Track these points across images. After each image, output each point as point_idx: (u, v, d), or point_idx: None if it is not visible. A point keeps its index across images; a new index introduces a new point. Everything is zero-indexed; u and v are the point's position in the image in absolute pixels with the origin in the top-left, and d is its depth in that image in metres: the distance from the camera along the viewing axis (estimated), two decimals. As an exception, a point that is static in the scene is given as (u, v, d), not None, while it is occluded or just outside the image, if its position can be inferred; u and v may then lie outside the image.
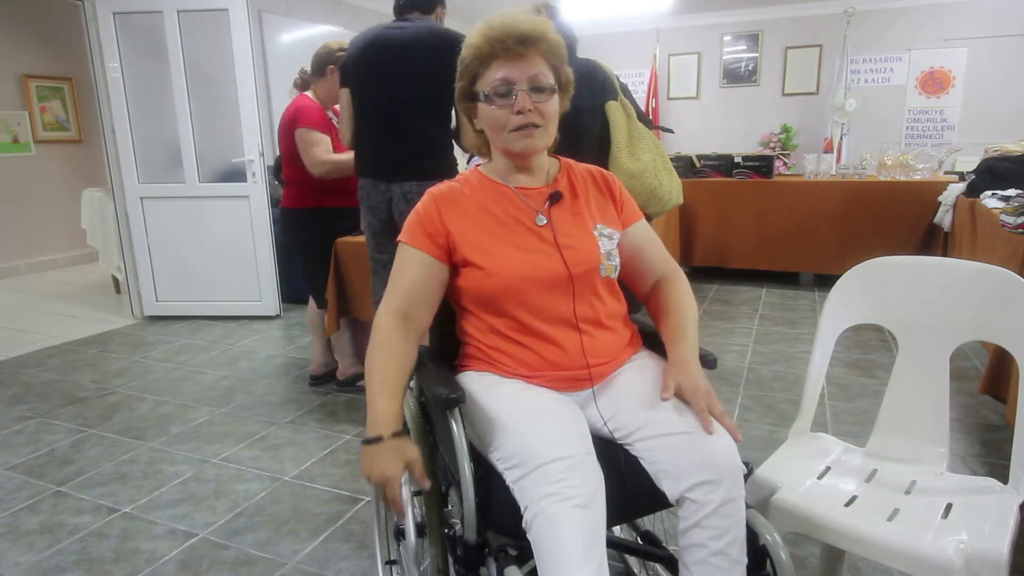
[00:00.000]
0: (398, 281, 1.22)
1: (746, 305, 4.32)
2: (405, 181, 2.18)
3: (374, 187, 2.24)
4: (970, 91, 6.72)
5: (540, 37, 1.18)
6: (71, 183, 6.16)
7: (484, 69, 1.20)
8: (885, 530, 1.13)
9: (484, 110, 1.21)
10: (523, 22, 1.18)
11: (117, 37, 3.93)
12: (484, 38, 1.17)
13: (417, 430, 1.26)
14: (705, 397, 1.10)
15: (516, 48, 1.16)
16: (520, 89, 1.17)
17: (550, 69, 1.21)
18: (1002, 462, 2.21)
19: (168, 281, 4.26)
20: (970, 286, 1.36)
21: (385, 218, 2.26)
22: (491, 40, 1.17)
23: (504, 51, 1.16)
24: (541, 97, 1.18)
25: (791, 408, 2.69)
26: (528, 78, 1.17)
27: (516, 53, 1.16)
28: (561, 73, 1.24)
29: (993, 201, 3.19)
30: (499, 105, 1.18)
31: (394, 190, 2.20)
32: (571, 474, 0.98)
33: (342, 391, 2.97)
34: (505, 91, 1.17)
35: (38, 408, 2.89)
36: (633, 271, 1.33)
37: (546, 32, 1.20)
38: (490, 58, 1.18)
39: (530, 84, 1.17)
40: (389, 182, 2.20)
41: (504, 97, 1.18)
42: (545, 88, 1.19)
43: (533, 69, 1.18)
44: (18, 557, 1.85)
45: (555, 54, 1.22)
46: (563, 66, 1.25)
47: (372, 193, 2.26)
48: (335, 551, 1.84)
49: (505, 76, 1.17)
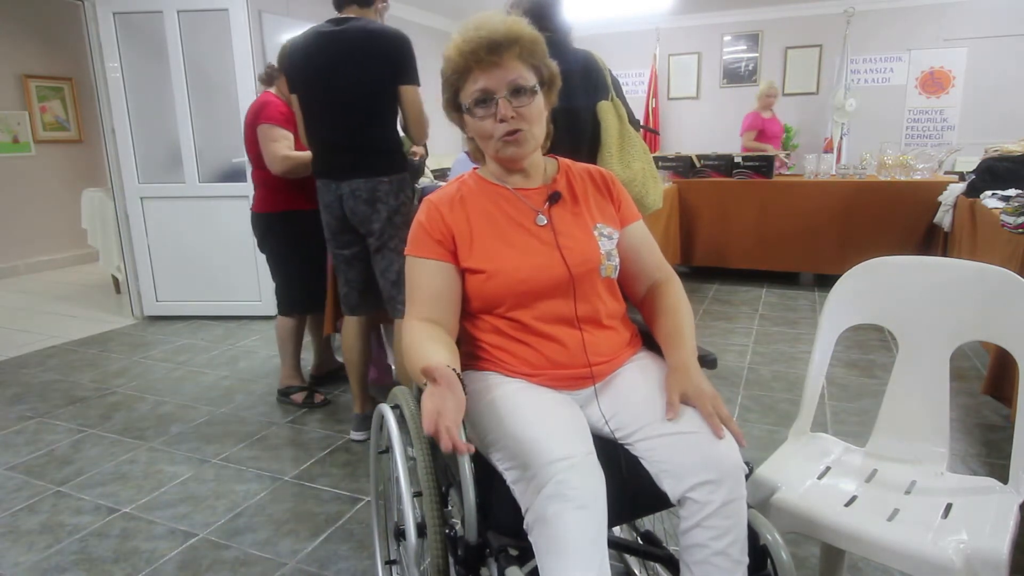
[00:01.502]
0: (419, 293, 1.22)
1: (746, 305, 4.32)
2: (353, 179, 2.20)
3: (327, 186, 2.27)
4: (970, 91, 6.72)
5: (514, 40, 1.17)
6: (71, 183, 6.16)
7: (463, 82, 1.19)
8: (885, 530, 1.13)
9: (469, 121, 1.21)
10: (494, 29, 1.16)
11: (117, 37, 3.93)
12: (458, 52, 1.17)
13: (417, 430, 1.26)
14: (711, 400, 1.09)
15: (489, 58, 1.15)
16: (500, 97, 1.16)
17: (529, 70, 1.19)
18: (1002, 462, 2.21)
19: (168, 281, 4.26)
20: (970, 286, 1.36)
21: (340, 216, 2.28)
22: (464, 54, 1.16)
23: (478, 63, 1.15)
24: (522, 101, 1.18)
25: (791, 408, 2.69)
26: (507, 84, 1.16)
27: (490, 63, 1.15)
28: (543, 70, 1.23)
29: (993, 201, 3.19)
30: (481, 116, 1.18)
31: (343, 188, 2.22)
32: (572, 474, 0.98)
33: (283, 400, 2.88)
34: (485, 100, 1.17)
35: (38, 408, 2.89)
36: (627, 272, 1.32)
37: (520, 34, 1.18)
38: (466, 71, 1.17)
39: (509, 89, 1.16)
40: (339, 181, 2.23)
41: (485, 106, 1.17)
42: (526, 91, 1.18)
43: (511, 75, 1.16)
44: (18, 557, 1.85)
45: (533, 53, 1.20)
46: (544, 62, 1.23)
47: (325, 192, 2.29)
48: (335, 551, 1.84)
49: (483, 87, 1.16)
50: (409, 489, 1.22)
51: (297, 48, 2.24)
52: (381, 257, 2.30)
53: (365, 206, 2.22)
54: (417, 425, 1.27)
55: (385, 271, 2.31)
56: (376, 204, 2.22)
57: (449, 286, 1.22)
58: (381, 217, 2.23)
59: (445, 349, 1.12)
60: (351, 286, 2.41)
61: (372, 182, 2.21)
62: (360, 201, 2.22)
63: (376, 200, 2.22)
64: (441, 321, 1.20)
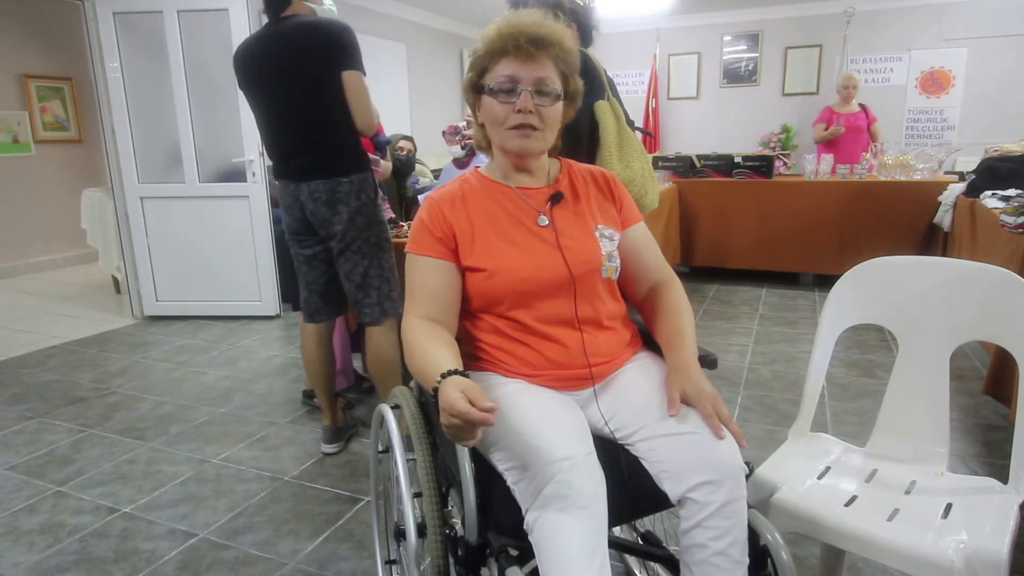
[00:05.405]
0: (418, 291, 1.22)
1: (746, 305, 4.32)
2: (312, 180, 2.16)
3: (286, 187, 2.23)
4: (970, 91, 6.72)
5: (554, 42, 1.18)
6: (71, 183, 6.16)
7: (493, 64, 1.20)
8: (885, 530, 1.13)
9: (487, 103, 1.21)
10: (541, 25, 1.18)
11: (117, 37, 3.93)
12: (498, 33, 1.18)
13: (417, 430, 1.26)
14: (711, 400, 1.09)
15: (527, 47, 1.16)
16: (524, 89, 1.17)
17: (559, 76, 1.20)
18: (1002, 462, 2.21)
19: (168, 281, 4.26)
20: (970, 286, 1.36)
21: (300, 217, 2.24)
22: (504, 36, 1.17)
23: (515, 48, 1.16)
24: (544, 101, 1.18)
25: (791, 408, 2.69)
26: (534, 79, 1.17)
27: (527, 52, 1.16)
28: (570, 82, 1.24)
29: (993, 201, 3.19)
30: (501, 101, 1.19)
31: (302, 189, 2.18)
32: (572, 475, 0.98)
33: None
34: (509, 88, 1.17)
35: (38, 408, 2.89)
36: (628, 274, 1.32)
37: (562, 39, 1.20)
38: (501, 54, 1.18)
39: (535, 86, 1.17)
40: (298, 182, 2.19)
41: (508, 94, 1.18)
42: (550, 93, 1.19)
43: (541, 72, 1.17)
44: (18, 557, 1.85)
45: (567, 62, 1.22)
46: (574, 75, 1.24)
47: (284, 194, 2.25)
48: (335, 551, 1.84)
49: (512, 73, 1.17)
50: (409, 489, 1.22)
51: (240, 51, 2.20)
52: (345, 260, 2.23)
53: (325, 208, 2.16)
54: (417, 425, 1.27)
55: (349, 274, 2.24)
56: (336, 205, 2.16)
57: (449, 284, 1.22)
58: (342, 219, 2.16)
59: (448, 350, 1.12)
60: (311, 289, 2.34)
61: (332, 183, 2.14)
62: (320, 203, 2.16)
63: (336, 201, 2.15)
64: (441, 319, 1.20)
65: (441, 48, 7.42)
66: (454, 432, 0.96)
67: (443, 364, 1.04)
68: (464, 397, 0.93)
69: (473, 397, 0.93)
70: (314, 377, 2.43)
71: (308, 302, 2.36)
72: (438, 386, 0.99)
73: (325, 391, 2.42)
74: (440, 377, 1.00)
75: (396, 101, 6.66)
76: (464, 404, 0.92)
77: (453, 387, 0.96)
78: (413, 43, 6.92)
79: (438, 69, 7.39)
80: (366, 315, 2.27)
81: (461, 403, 0.92)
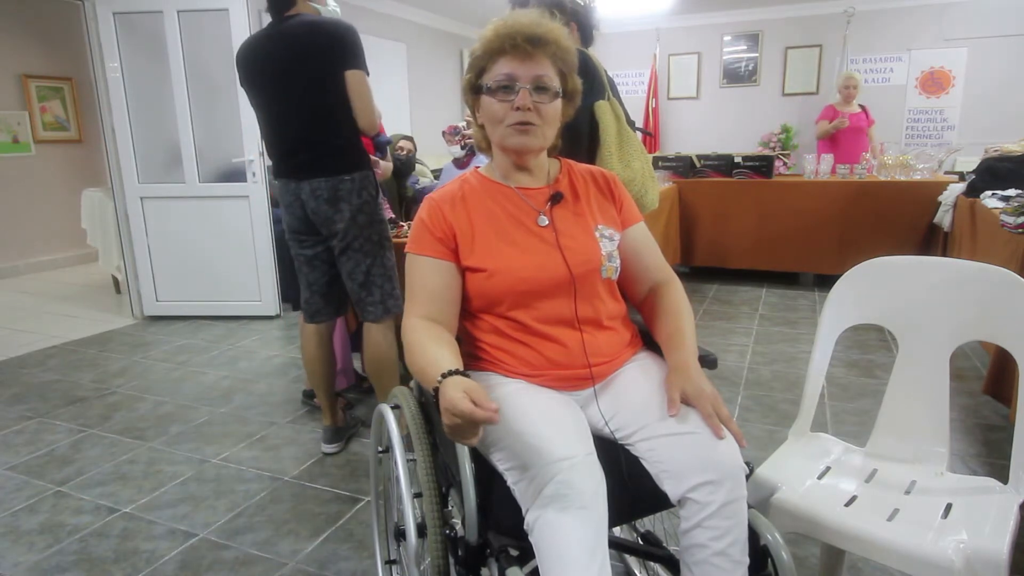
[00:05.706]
0: (418, 291, 1.22)
1: (746, 305, 4.32)
2: (313, 178, 2.15)
3: (286, 186, 2.23)
4: (970, 91, 6.72)
5: (552, 40, 1.19)
6: (71, 183, 6.16)
7: (491, 63, 1.20)
8: (885, 530, 1.13)
9: (486, 102, 1.21)
10: (538, 24, 1.18)
11: (117, 37, 3.93)
12: (495, 33, 1.18)
13: (417, 430, 1.26)
14: (711, 400, 1.09)
15: (524, 46, 1.16)
16: (523, 86, 1.17)
17: (557, 73, 1.21)
18: (1002, 462, 2.21)
19: (168, 281, 4.26)
20: (970, 286, 1.36)
21: (301, 216, 2.23)
22: (501, 35, 1.17)
23: (513, 47, 1.17)
24: (543, 98, 1.19)
25: (791, 408, 2.69)
26: (532, 77, 1.17)
27: (524, 51, 1.17)
28: (568, 81, 1.24)
29: (993, 201, 3.19)
30: (500, 99, 1.19)
31: (303, 187, 2.17)
32: (572, 475, 0.98)
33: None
34: (507, 86, 1.18)
35: (38, 408, 2.89)
36: (628, 274, 1.32)
37: (559, 37, 1.20)
38: (499, 53, 1.18)
39: (533, 83, 1.17)
40: (299, 180, 2.18)
41: (506, 92, 1.18)
42: (548, 90, 1.19)
43: (539, 70, 1.18)
44: (18, 557, 1.85)
45: (564, 60, 1.22)
46: (572, 74, 1.25)
47: (285, 193, 2.25)
48: (335, 551, 1.84)
49: (510, 72, 1.17)
50: (409, 489, 1.22)
51: (243, 50, 2.20)
52: (347, 259, 2.22)
53: (327, 206, 2.15)
54: (417, 425, 1.27)
55: (352, 273, 2.24)
56: (339, 203, 2.16)
57: (449, 284, 1.22)
58: (344, 216, 2.16)
59: (448, 350, 1.12)
60: (312, 289, 2.34)
61: (333, 180, 2.14)
62: (322, 201, 2.15)
63: (338, 199, 2.15)
64: (441, 319, 1.20)
65: (441, 48, 7.43)
66: (456, 432, 0.96)
67: (444, 364, 1.04)
68: (467, 397, 0.93)
69: (477, 398, 0.94)
70: (314, 377, 2.43)
71: (309, 303, 2.36)
72: (439, 386, 0.99)
73: (325, 391, 2.42)
74: (441, 377, 1.00)
75: (396, 101, 6.66)
76: (467, 404, 0.92)
77: (454, 387, 0.96)
78: (413, 43, 6.93)
79: (438, 69, 7.40)
80: (369, 314, 2.27)
81: (464, 403, 0.93)
